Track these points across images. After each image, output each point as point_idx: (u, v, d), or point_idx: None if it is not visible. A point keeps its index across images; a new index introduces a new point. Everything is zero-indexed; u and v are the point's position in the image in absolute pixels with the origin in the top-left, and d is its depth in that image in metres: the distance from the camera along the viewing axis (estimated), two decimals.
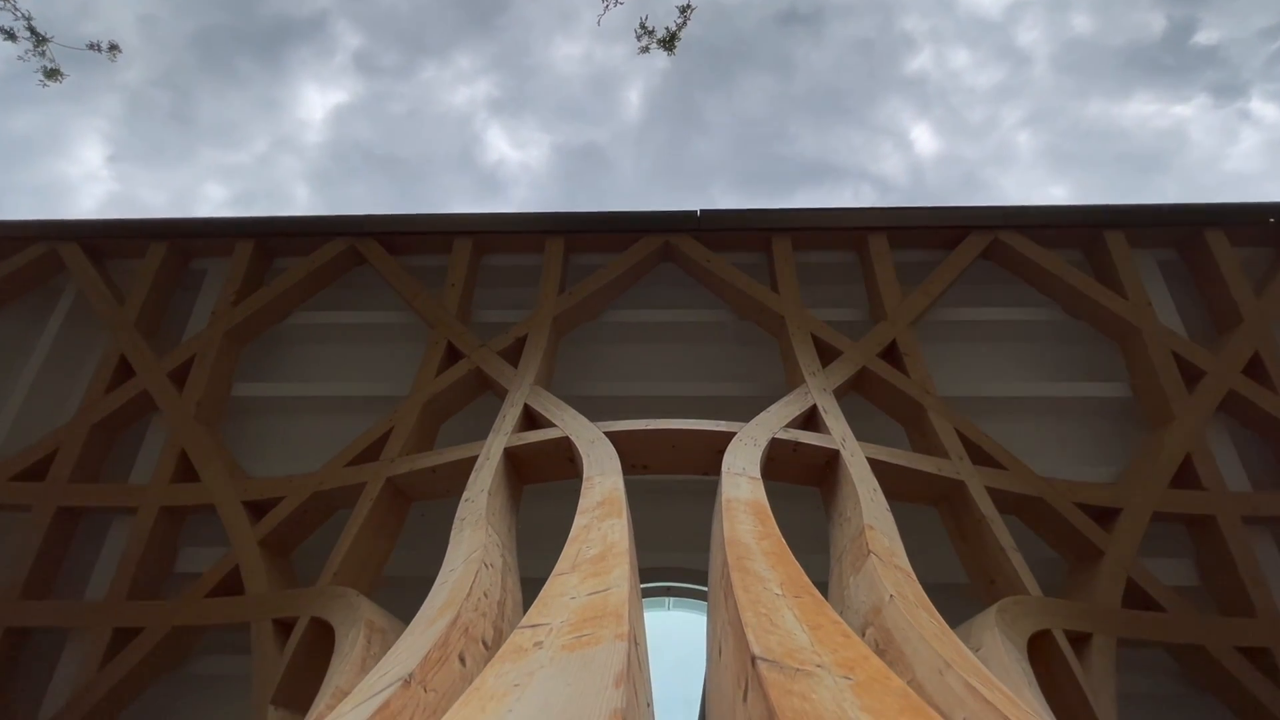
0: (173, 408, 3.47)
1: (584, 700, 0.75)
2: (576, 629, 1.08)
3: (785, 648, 0.97)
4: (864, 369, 3.37)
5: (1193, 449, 3.19)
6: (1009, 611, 2.48)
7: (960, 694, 1.16)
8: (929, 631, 1.50)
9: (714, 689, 1.37)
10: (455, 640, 1.44)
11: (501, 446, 2.87)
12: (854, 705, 0.77)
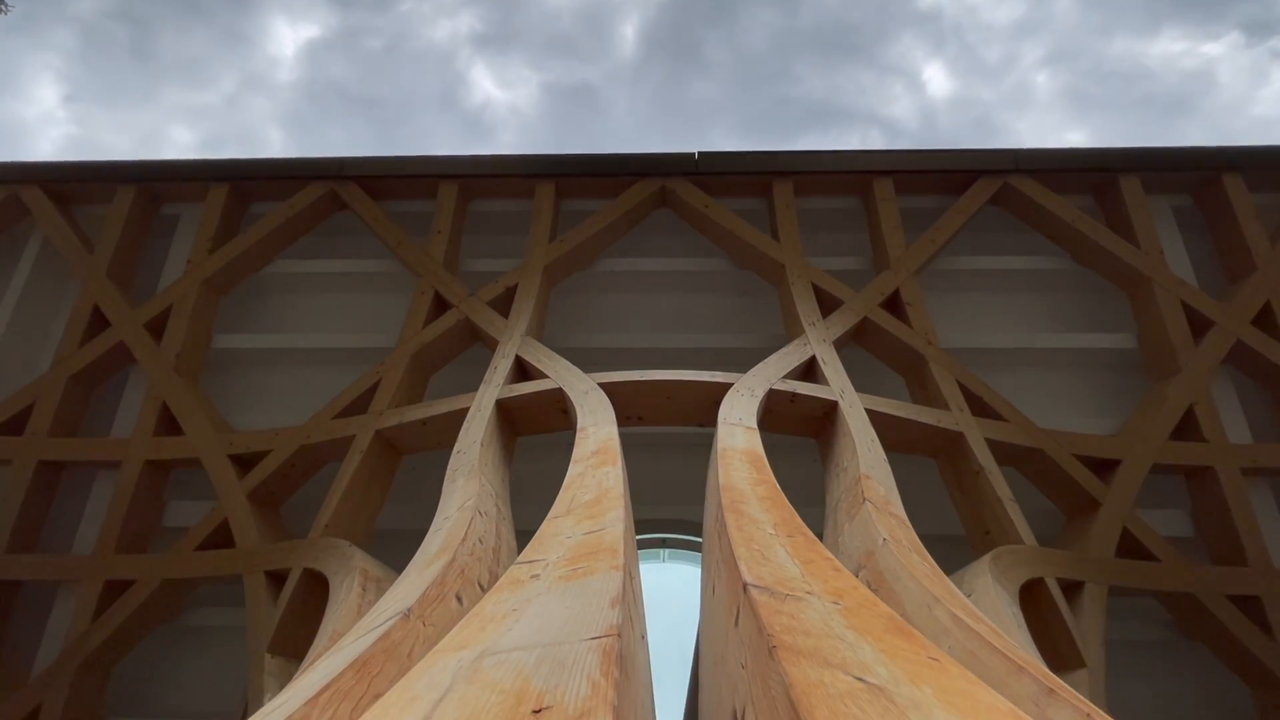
0: (151, 360, 3.49)
1: (581, 619, 0.81)
2: (572, 563, 1.14)
3: (776, 577, 1.04)
4: (865, 319, 3.40)
5: (1196, 400, 3.27)
6: (1002, 560, 2.59)
7: (947, 625, 1.24)
8: (920, 572, 1.58)
9: (707, 625, 1.45)
10: (452, 581, 1.51)
11: (493, 398, 2.91)
12: (841, 624, 0.83)
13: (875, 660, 0.71)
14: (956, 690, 0.66)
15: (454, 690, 0.63)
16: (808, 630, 0.78)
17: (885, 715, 0.56)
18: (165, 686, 3.20)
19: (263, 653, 2.61)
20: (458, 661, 0.72)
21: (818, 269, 3.58)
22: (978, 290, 3.81)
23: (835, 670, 0.65)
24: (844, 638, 0.79)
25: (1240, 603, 2.91)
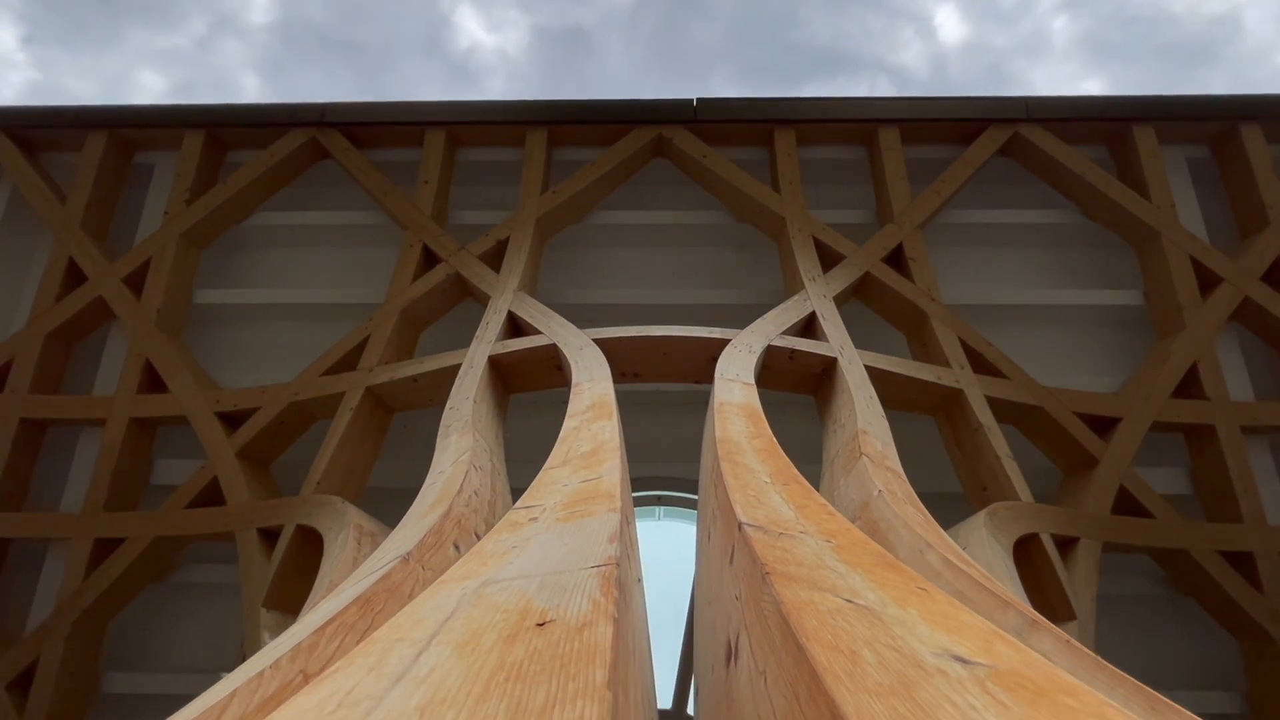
0: (131, 315, 3.49)
1: (580, 552, 0.86)
2: (570, 507, 1.19)
3: (771, 519, 1.09)
4: (867, 274, 3.42)
5: (1200, 358, 3.33)
6: (998, 515, 2.68)
7: (938, 568, 1.31)
8: (914, 521, 1.65)
9: (703, 571, 1.52)
10: (449, 530, 1.57)
11: (485, 354, 2.94)
12: (833, 558, 0.89)
13: (864, 587, 0.76)
14: (941, 612, 0.71)
15: (459, 611, 0.67)
16: (800, 561, 0.83)
17: (871, 629, 0.61)
18: (161, 641, 3.31)
19: (258, 607, 2.70)
20: (461, 589, 0.76)
21: (819, 222, 3.59)
22: (983, 245, 3.82)
23: (825, 593, 0.70)
24: (835, 569, 0.84)
25: (1232, 558, 3.03)
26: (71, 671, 3.02)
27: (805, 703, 0.48)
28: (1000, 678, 0.53)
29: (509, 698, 0.44)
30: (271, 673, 0.78)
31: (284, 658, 0.80)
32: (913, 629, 0.63)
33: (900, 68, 29.34)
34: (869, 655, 0.52)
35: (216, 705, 0.68)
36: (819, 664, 0.48)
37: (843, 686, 0.45)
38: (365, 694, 0.50)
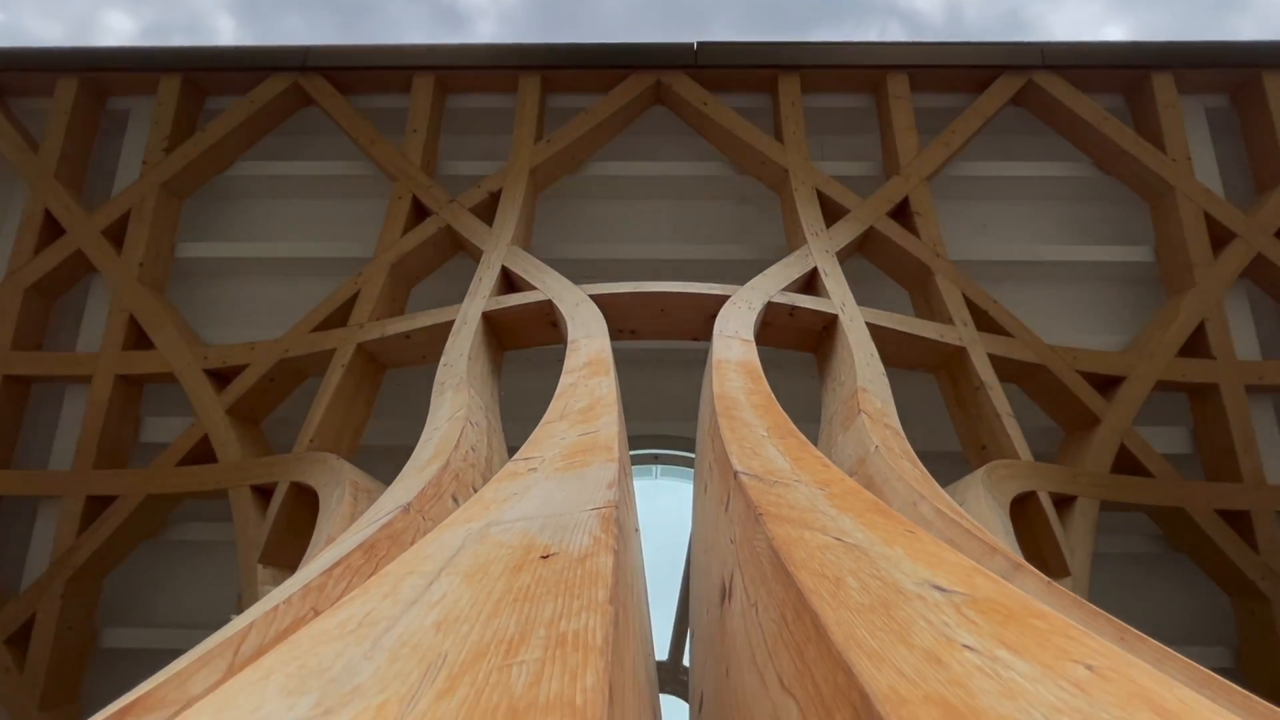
0: (113, 270, 3.50)
1: (580, 497, 0.91)
2: (568, 458, 1.25)
3: (766, 469, 1.15)
4: (871, 229, 3.44)
5: (1208, 316, 3.38)
6: (996, 473, 2.76)
7: (929, 518, 1.38)
8: (909, 475, 1.72)
9: (699, 523, 1.59)
10: (447, 483, 1.63)
11: (479, 311, 2.98)
12: (825, 503, 0.94)
13: (854, 528, 0.82)
14: (926, 551, 0.77)
15: (465, 548, 0.73)
16: (793, 505, 0.89)
17: (857, 561, 0.66)
18: (157, 597, 3.42)
19: (255, 563, 2.79)
20: (466, 530, 0.82)
21: (823, 175, 3.58)
22: (991, 199, 3.82)
23: (816, 532, 0.76)
24: (826, 512, 0.89)
25: (1229, 517, 3.13)
26: (69, 626, 3.13)
27: (792, 622, 0.54)
28: (975, 604, 0.59)
29: (518, 614, 0.49)
30: (285, 608, 0.83)
31: (295, 595, 0.86)
32: (897, 563, 0.69)
33: (913, 13, 28.58)
34: (853, 582, 0.58)
35: (236, 635, 0.74)
36: (805, 586, 0.53)
37: (826, 604, 0.50)
38: (382, 616, 0.55)
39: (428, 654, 0.44)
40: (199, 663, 0.68)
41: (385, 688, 0.40)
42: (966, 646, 0.47)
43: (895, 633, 0.46)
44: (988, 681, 0.41)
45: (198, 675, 0.66)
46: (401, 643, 0.47)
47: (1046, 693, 0.41)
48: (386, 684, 0.41)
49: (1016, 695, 0.39)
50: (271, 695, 0.42)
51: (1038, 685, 0.42)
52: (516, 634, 0.45)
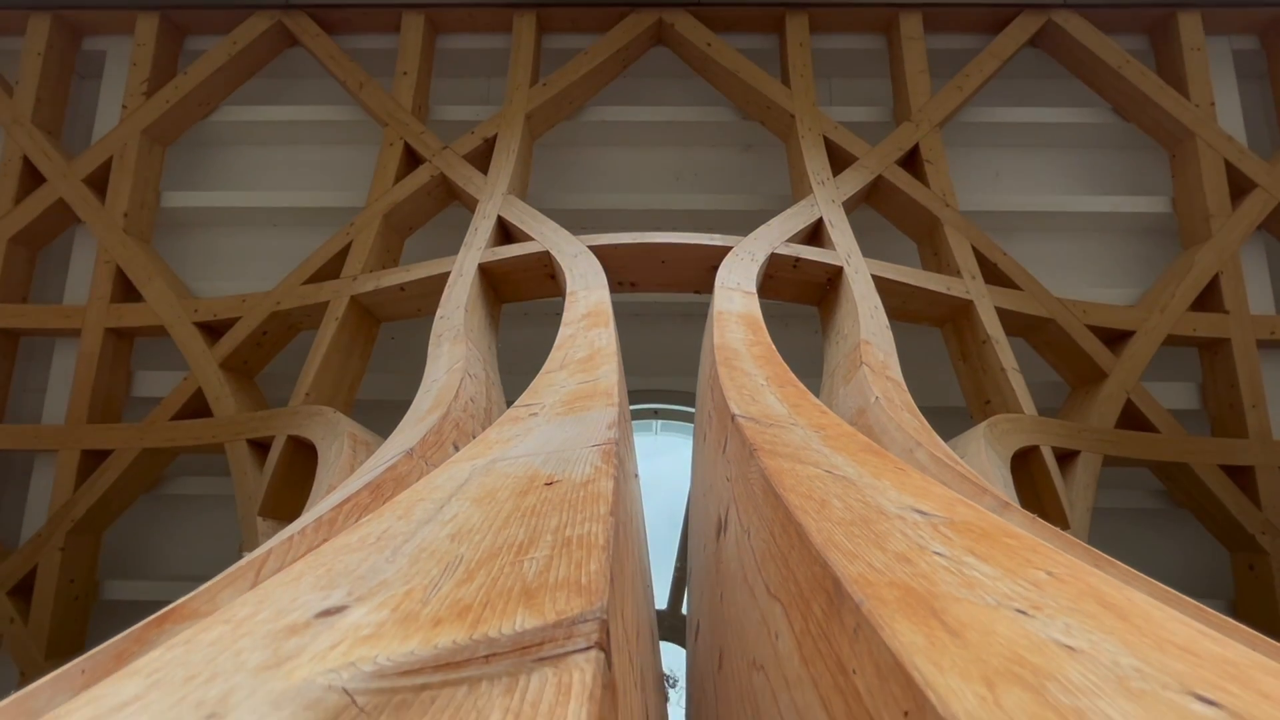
0: (97, 220, 3.51)
1: (581, 437, 0.97)
2: (569, 404, 1.31)
3: (764, 413, 1.21)
4: (879, 178, 3.44)
5: (1223, 269, 3.41)
6: (999, 427, 2.84)
7: (925, 463, 1.45)
8: (908, 425, 1.78)
9: (699, 466, 1.66)
10: (448, 431, 1.70)
11: (475, 262, 3.01)
12: (819, 443, 1.00)
13: (845, 464, 0.88)
14: (912, 484, 0.83)
15: (473, 479, 0.79)
16: (787, 443, 0.95)
17: (845, 490, 0.72)
18: (157, 551, 3.54)
19: (254, 515, 2.89)
20: (472, 465, 0.88)
21: (831, 120, 3.56)
22: (1005, 146, 3.81)
23: (807, 465, 0.82)
24: (820, 450, 0.96)
25: (1232, 472, 3.22)
26: (71, 579, 3.26)
27: (779, 538, 0.60)
28: (953, 525, 0.65)
29: (526, 525, 0.55)
30: (299, 538, 0.90)
31: (309, 527, 0.93)
32: (883, 492, 0.75)
33: None
34: (837, 503, 0.64)
35: (257, 559, 0.81)
36: (791, 504, 0.60)
37: (810, 518, 0.56)
38: (398, 532, 0.61)
39: (445, 557, 0.51)
40: (225, 580, 0.74)
41: (409, 580, 0.46)
42: (937, 553, 0.53)
43: (871, 540, 0.53)
44: (951, 576, 0.47)
45: (225, 591, 0.73)
46: (420, 549, 0.53)
47: (1004, 586, 0.47)
48: (410, 578, 0.47)
49: (974, 586, 0.46)
50: (305, 589, 0.48)
51: (997, 581, 0.48)
52: (526, 539, 0.51)
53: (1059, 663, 0.34)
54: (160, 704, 0.33)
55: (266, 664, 0.36)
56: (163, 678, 0.36)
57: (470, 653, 0.33)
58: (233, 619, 0.44)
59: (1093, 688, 0.32)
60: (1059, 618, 0.42)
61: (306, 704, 0.30)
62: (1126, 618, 0.46)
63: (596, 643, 0.32)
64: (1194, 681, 0.35)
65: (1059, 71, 3.77)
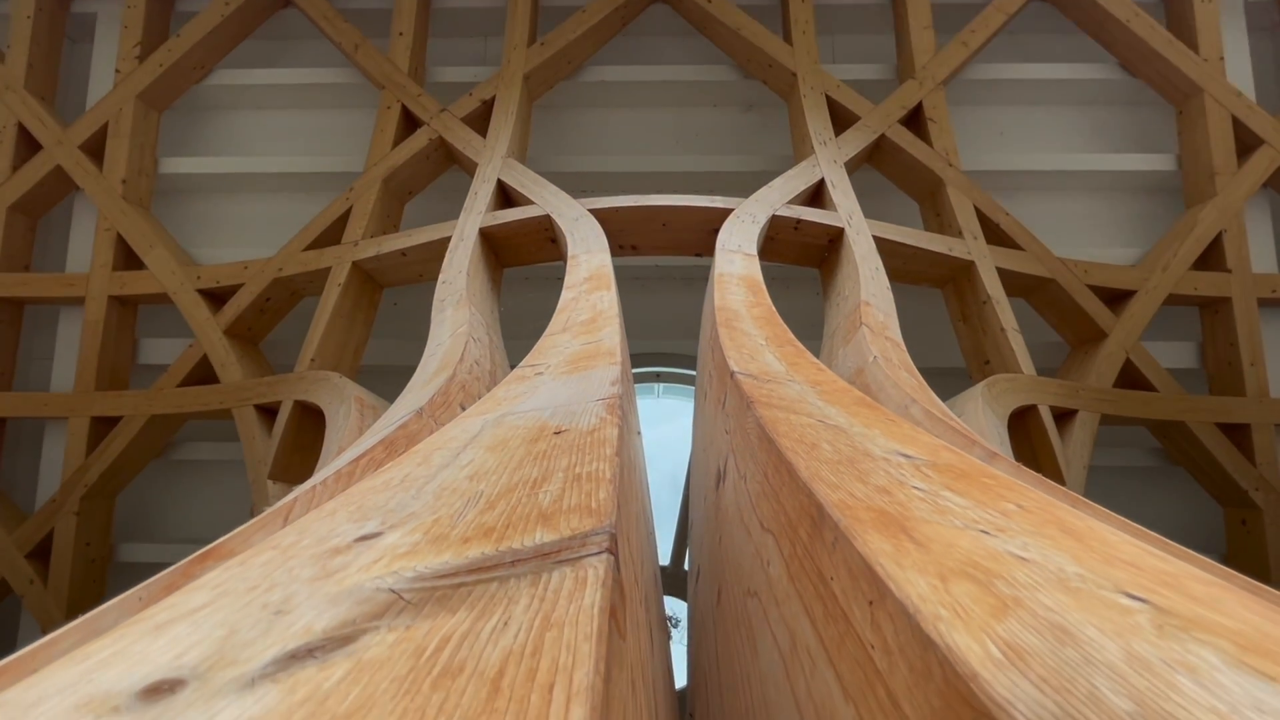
0: (96, 187, 3.53)
1: (586, 393, 1.02)
2: (573, 364, 1.36)
3: (762, 371, 1.26)
4: (882, 137, 3.43)
5: (1227, 227, 3.42)
6: (997, 386, 2.89)
7: (919, 418, 1.50)
8: (905, 384, 1.83)
9: (699, 423, 1.72)
10: (455, 392, 1.75)
11: (476, 226, 3.03)
12: (814, 397, 1.06)
13: (837, 414, 0.93)
14: (901, 433, 0.88)
15: (485, 431, 0.84)
16: (783, 397, 1.00)
17: (836, 438, 0.77)
18: (169, 515, 3.64)
19: (265, 480, 2.97)
20: (483, 420, 0.93)
21: (833, 79, 3.54)
22: (1010, 104, 3.79)
23: (801, 415, 0.87)
24: (815, 403, 1.01)
25: (1228, 430, 3.28)
26: (87, 542, 3.36)
27: (772, 477, 0.65)
28: (935, 466, 0.70)
29: (539, 466, 0.61)
30: (322, 489, 0.96)
31: (329, 478, 0.99)
32: (871, 439, 0.81)
33: None
34: (827, 447, 0.69)
35: (284, 505, 0.86)
36: (784, 447, 0.65)
37: (800, 458, 0.61)
38: (419, 476, 0.67)
39: (466, 493, 0.56)
40: (257, 524, 0.80)
41: (436, 511, 0.52)
42: (915, 487, 0.58)
43: (855, 476, 0.58)
44: (925, 505, 0.52)
45: (258, 534, 0.79)
46: (442, 488, 0.59)
47: (973, 514, 0.53)
48: (437, 510, 0.52)
49: (946, 513, 0.51)
50: (341, 522, 0.54)
51: (967, 510, 0.54)
52: (539, 476, 0.57)
53: (1009, 567, 0.39)
54: (230, 607, 0.39)
55: (318, 576, 0.42)
56: (227, 589, 0.42)
57: (497, 560, 0.38)
58: (279, 545, 0.50)
59: (1035, 585, 0.37)
60: (1019, 538, 0.48)
61: (359, 600, 0.36)
62: (1082, 540, 0.51)
63: (606, 549, 0.38)
64: (1129, 585, 0.41)
65: (1066, 26, 3.73)
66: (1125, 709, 0.24)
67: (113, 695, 0.30)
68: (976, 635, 0.29)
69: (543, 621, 0.30)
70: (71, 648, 0.50)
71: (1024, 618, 0.31)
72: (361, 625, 0.32)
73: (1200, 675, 0.29)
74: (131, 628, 0.38)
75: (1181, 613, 0.37)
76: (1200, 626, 0.35)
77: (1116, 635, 0.32)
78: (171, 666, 0.32)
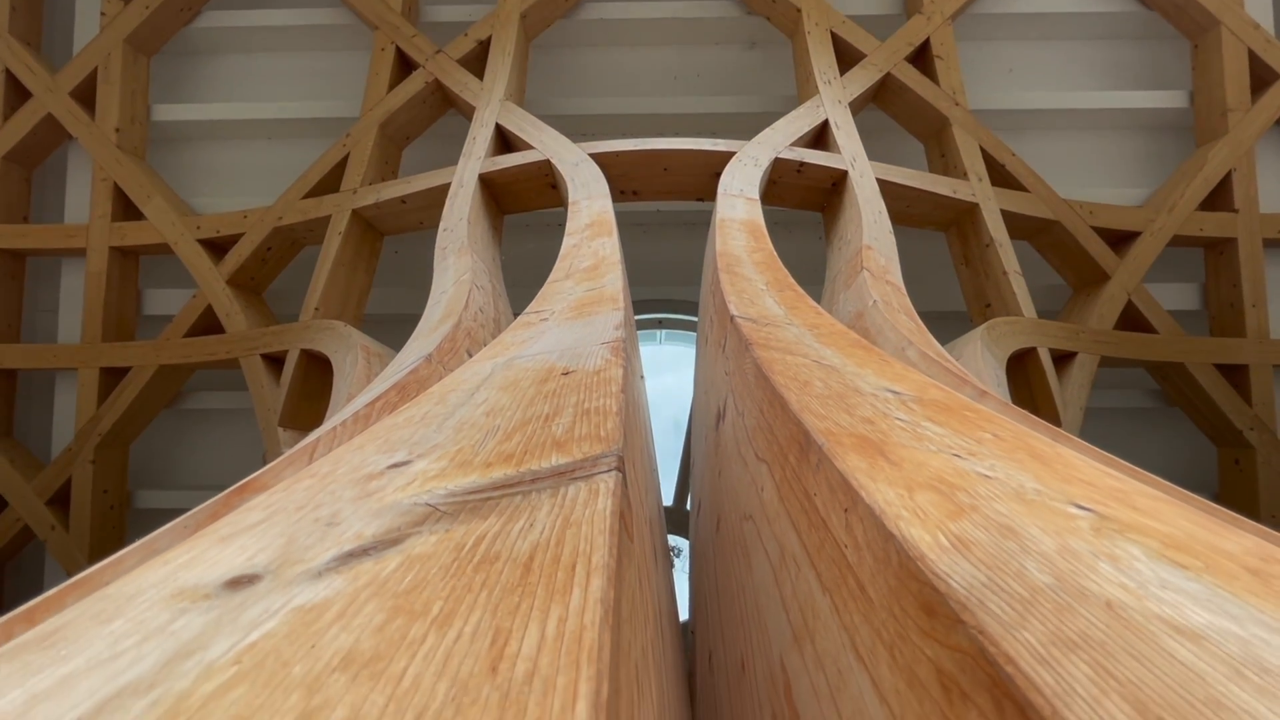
0: (89, 136, 3.51)
1: (591, 337, 1.07)
2: (577, 309, 1.40)
3: (761, 314, 1.30)
4: (888, 76, 3.39)
5: (1236, 166, 3.40)
6: (996, 329, 2.93)
7: (914, 360, 1.55)
8: (904, 327, 1.88)
9: (700, 366, 1.77)
10: (461, 339, 1.80)
11: (475, 172, 3.03)
12: (811, 339, 1.10)
13: (832, 356, 0.98)
14: (892, 371, 0.93)
15: (495, 373, 0.89)
16: (781, 339, 1.05)
17: (828, 374, 0.82)
18: (182, 463, 3.75)
19: (275, 428, 3.05)
20: (493, 363, 0.98)
21: (839, 14, 3.47)
22: (1019, 39, 3.72)
23: (797, 356, 0.92)
24: (811, 345, 1.06)
25: (1227, 371, 3.34)
26: (104, 489, 3.47)
27: (766, 412, 0.70)
28: (920, 402, 0.76)
29: (549, 403, 0.66)
30: (342, 429, 1.02)
31: (347, 420, 1.05)
32: (863, 377, 0.86)
33: None
34: (819, 384, 0.74)
35: (308, 444, 0.92)
36: (778, 384, 0.70)
37: (792, 394, 0.66)
38: (437, 414, 0.72)
39: (484, 426, 0.61)
40: (284, 461, 0.86)
41: (459, 442, 0.57)
42: (898, 419, 0.63)
43: (843, 409, 0.63)
44: (904, 433, 0.57)
45: (287, 469, 0.85)
46: (461, 423, 0.64)
47: (949, 441, 0.58)
48: (459, 441, 0.58)
49: (923, 440, 0.56)
50: (371, 453, 0.59)
51: (944, 438, 0.59)
52: (551, 412, 0.62)
53: (972, 482, 0.44)
54: (285, 522, 0.44)
55: (358, 496, 0.47)
56: (277, 508, 0.48)
57: (519, 479, 0.43)
58: (317, 474, 0.55)
59: (993, 496, 0.42)
60: (988, 460, 0.53)
61: (400, 513, 0.41)
62: (1048, 463, 0.56)
63: (615, 468, 0.43)
64: (1080, 498, 0.46)
65: None
66: (1045, 581, 0.30)
67: (201, 587, 0.36)
68: (930, 530, 0.34)
69: (563, 522, 0.36)
70: (135, 565, 0.56)
71: (976, 520, 0.37)
72: (406, 531, 0.38)
73: (1120, 563, 0.35)
74: (200, 540, 0.44)
75: (1121, 519, 0.43)
76: (1135, 529, 0.41)
77: (1055, 534, 0.37)
78: (246, 566, 0.37)
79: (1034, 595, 0.28)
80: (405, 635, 0.26)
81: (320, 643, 0.26)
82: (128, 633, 0.31)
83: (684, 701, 0.84)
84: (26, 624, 0.49)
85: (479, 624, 0.26)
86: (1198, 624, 0.28)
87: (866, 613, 0.35)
